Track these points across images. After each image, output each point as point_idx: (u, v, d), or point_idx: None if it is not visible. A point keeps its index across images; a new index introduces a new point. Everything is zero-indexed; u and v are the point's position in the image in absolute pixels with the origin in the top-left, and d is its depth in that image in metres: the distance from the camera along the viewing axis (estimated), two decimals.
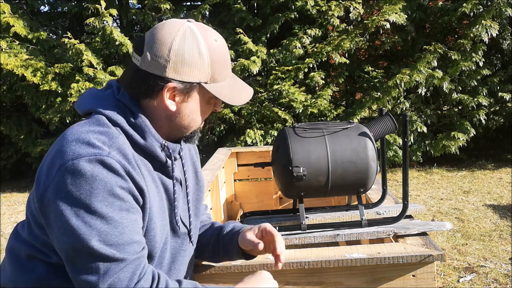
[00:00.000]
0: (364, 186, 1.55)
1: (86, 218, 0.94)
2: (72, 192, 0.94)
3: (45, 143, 5.65)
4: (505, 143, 6.49)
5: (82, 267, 0.95)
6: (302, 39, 5.44)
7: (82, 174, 0.94)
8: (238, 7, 5.65)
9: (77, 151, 0.97)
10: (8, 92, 5.70)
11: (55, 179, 0.96)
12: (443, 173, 5.69)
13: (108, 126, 1.03)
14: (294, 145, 1.49)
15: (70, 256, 0.96)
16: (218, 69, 1.09)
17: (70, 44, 5.19)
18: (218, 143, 5.51)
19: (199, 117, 1.13)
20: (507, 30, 5.64)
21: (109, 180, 0.96)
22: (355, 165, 1.49)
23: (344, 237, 1.52)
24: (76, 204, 0.94)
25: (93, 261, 0.95)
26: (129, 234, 0.98)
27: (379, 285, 1.38)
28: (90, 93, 1.12)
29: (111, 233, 0.95)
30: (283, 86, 5.37)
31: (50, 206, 0.96)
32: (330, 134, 1.51)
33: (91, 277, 0.95)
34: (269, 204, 3.10)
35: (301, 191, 1.52)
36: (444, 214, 4.11)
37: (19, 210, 5.00)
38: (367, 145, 1.50)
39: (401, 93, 5.56)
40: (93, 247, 0.94)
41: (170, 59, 1.03)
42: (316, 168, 1.47)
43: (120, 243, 0.96)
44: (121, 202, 0.97)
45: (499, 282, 2.76)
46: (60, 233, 0.96)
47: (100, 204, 0.95)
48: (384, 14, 5.30)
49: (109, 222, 0.95)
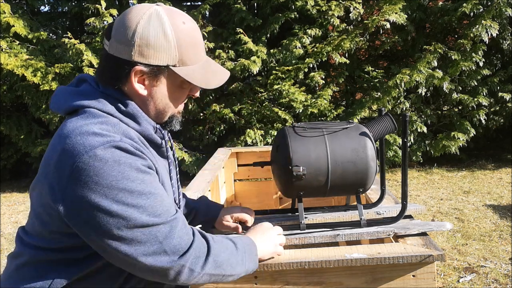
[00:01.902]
0: (364, 186, 1.54)
1: (128, 200, 0.95)
2: (100, 182, 0.93)
3: (45, 143, 5.65)
4: (505, 143, 6.49)
5: (141, 243, 0.97)
6: (302, 39, 5.44)
7: (104, 162, 0.94)
8: (238, 7, 5.65)
9: (88, 143, 0.95)
10: (8, 92, 5.70)
11: (72, 176, 0.93)
12: (443, 173, 5.69)
13: (105, 117, 1.03)
14: (293, 144, 1.48)
15: (124, 240, 0.95)
16: (187, 52, 1.07)
17: (70, 44, 5.19)
18: (218, 143, 5.51)
19: (174, 101, 1.12)
20: (507, 30, 5.64)
21: (132, 161, 0.97)
22: (354, 165, 1.49)
23: (344, 237, 1.52)
24: (111, 191, 0.94)
25: (150, 234, 0.97)
26: (166, 200, 1.03)
27: (379, 285, 1.38)
28: (64, 91, 1.10)
29: (154, 205, 0.98)
30: (283, 86, 5.37)
31: (78, 205, 0.94)
32: (330, 133, 1.51)
33: (153, 247, 0.97)
34: (269, 204, 3.10)
35: (300, 190, 1.52)
36: (444, 214, 4.11)
37: (19, 210, 5.00)
38: (366, 145, 1.50)
39: (401, 93, 5.56)
40: (147, 222, 0.96)
41: (135, 42, 1.03)
42: (316, 168, 1.47)
43: (165, 209, 1.01)
44: (149, 176, 1.00)
45: (499, 282, 2.77)
46: (104, 224, 0.94)
47: (134, 184, 0.96)
48: (384, 14, 5.30)
49: (149, 196, 0.98)
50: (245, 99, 5.70)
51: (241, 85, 5.75)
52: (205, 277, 1.07)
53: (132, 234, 0.96)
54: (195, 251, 1.04)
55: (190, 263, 1.03)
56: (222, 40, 5.73)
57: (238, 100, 5.75)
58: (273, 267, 1.36)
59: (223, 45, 5.63)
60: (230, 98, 5.86)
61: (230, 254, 1.12)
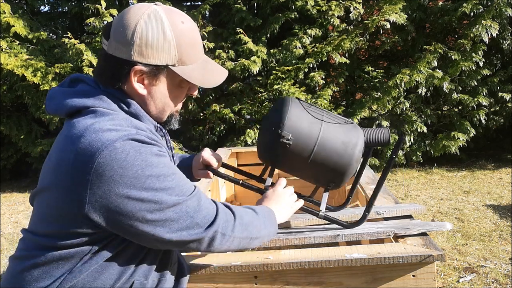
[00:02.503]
0: (337, 181, 1.51)
1: (156, 184, 0.98)
2: (126, 174, 0.95)
3: (45, 143, 5.65)
4: (505, 143, 6.49)
5: (173, 222, 1.01)
6: (302, 39, 5.44)
7: (126, 153, 0.95)
8: (238, 7, 5.65)
9: (105, 139, 0.96)
10: (8, 92, 5.70)
11: (95, 172, 0.94)
12: (443, 173, 5.69)
13: (113, 114, 1.04)
14: (292, 111, 1.46)
15: (157, 222, 0.99)
16: (186, 51, 1.08)
17: (70, 44, 5.19)
18: (218, 143, 5.52)
19: (173, 100, 1.14)
20: (507, 30, 5.64)
21: (151, 149, 0.99)
22: (338, 157, 1.44)
23: (344, 237, 1.52)
24: (138, 181, 0.96)
25: (181, 211, 1.02)
26: (185, 177, 1.08)
27: (379, 285, 1.38)
28: (61, 92, 1.10)
29: (179, 184, 1.03)
30: (283, 86, 5.37)
31: (105, 199, 0.95)
32: (329, 120, 1.48)
33: (185, 222, 1.02)
34: None
35: (276, 158, 1.48)
36: (444, 214, 4.11)
37: (19, 210, 5.00)
38: (357, 144, 1.47)
39: (401, 93, 5.56)
40: (178, 201, 1.01)
41: (134, 42, 1.04)
42: (303, 142, 1.43)
43: (188, 186, 1.06)
44: (167, 159, 1.04)
45: (499, 282, 2.77)
46: (137, 212, 0.97)
47: (158, 169, 0.99)
48: (384, 14, 5.30)
49: (172, 177, 1.02)
50: (245, 99, 5.70)
51: (241, 85, 5.75)
52: (235, 242, 1.12)
53: (165, 215, 1.00)
54: (222, 217, 1.09)
55: (221, 228, 1.08)
56: (222, 40, 5.73)
57: (238, 100, 5.75)
58: (273, 267, 1.36)
59: (223, 45, 5.63)
60: (230, 98, 5.86)
61: (252, 217, 1.19)
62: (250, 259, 1.41)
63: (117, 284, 1.05)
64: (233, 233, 1.11)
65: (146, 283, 1.09)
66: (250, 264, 1.38)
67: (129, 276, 1.07)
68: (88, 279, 1.03)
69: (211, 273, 1.39)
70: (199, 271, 1.39)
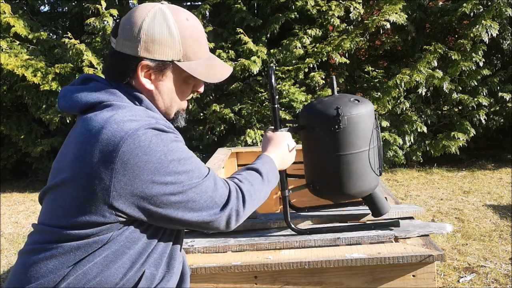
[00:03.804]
0: (322, 183, 1.54)
1: (178, 168, 1.03)
2: (151, 160, 0.99)
3: (45, 143, 5.66)
4: (505, 143, 6.49)
5: (196, 204, 1.06)
6: (302, 39, 5.44)
7: (149, 141, 0.99)
8: (238, 7, 5.65)
9: (128, 128, 1.00)
10: (8, 92, 5.70)
11: (119, 160, 0.97)
12: (443, 173, 5.69)
13: (130, 106, 1.07)
14: (365, 115, 1.50)
15: (182, 203, 1.04)
16: (190, 47, 1.11)
17: (71, 44, 5.19)
18: (218, 143, 5.51)
19: (179, 96, 1.17)
20: (507, 30, 5.64)
21: (170, 136, 1.04)
22: (350, 178, 1.49)
23: (345, 240, 1.52)
24: (162, 166, 1.00)
25: (201, 192, 1.06)
26: (200, 161, 1.12)
27: (379, 285, 1.39)
28: (73, 90, 1.12)
29: (198, 166, 1.08)
30: (284, 86, 5.37)
31: (136, 185, 0.99)
32: (372, 152, 1.53)
33: (208, 201, 1.07)
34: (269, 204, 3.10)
35: (312, 128, 1.53)
36: (444, 214, 4.11)
37: (19, 210, 5.00)
38: (364, 192, 1.54)
39: (401, 93, 5.57)
40: (197, 182, 1.05)
41: (140, 38, 1.08)
42: (343, 140, 1.48)
43: (204, 166, 1.11)
44: (183, 144, 1.09)
45: (499, 282, 2.77)
46: (160, 197, 1.01)
47: (178, 153, 1.04)
48: (384, 14, 5.30)
49: (192, 160, 1.07)
50: (245, 99, 5.70)
51: (241, 85, 5.75)
52: (248, 212, 1.17)
53: (187, 197, 1.04)
54: (234, 194, 1.13)
55: (236, 205, 1.13)
56: (222, 40, 5.73)
57: (238, 100, 5.75)
58: (273, 267, 1.36)
59: (223, 45, 5.63)
60: (230, 98, 5.86)
61: (258, 184, 1.23)
62: (250, 259, 1.41)
63: (129, 272, 1.07)
64: (245, 208, 1.16)
65: (156, 273, 1.11)
66: (250, 264, 1.38)
67: (141, 265, 1.09)
68: (101, 268, 1.05)
69: (211, 273, 1.39)
70: (199, 271, 1.39)
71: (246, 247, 1.52)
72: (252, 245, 1.52)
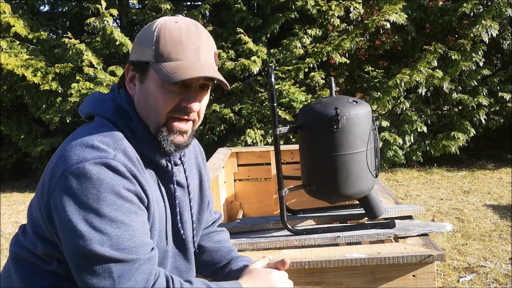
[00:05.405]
0: (318, 184, 1.54)
1: (96, 223, 0.92)
2: (79, 196, 0.92)
3: (45, 143, 5.66)
4: (505, 143, 6.49)
5: (94, 273, 0.92)
6: (302, 39, 5.44)
7: (88, 177, 0.93)
8: (238, 7, 5.65)
9: (81, 155, 0.95)
10: (8, 92, 5.70)
11: (59, 183, 0.94)
12: (443, 173, 5.69)
13: (112, 129, 1.03)
14: (363, 115, 1.50)
15: (80, 263, 0.93)
16: (164, 47, 1.02)
17: (71, 44, 5.19)
18: (218, 143, 5.51)
19: (156, 103, 1.03)
20: (507, 30, 5.64)
21: (116, 183, 0.94)
22: (346, 179, 1.50)
23: (344, 239, 1.52)
24: (84, 209, 0.92)
25: (106, 266, 0.92)
26: (140, 236, 0.96)
27: (379, 285, 1.38)
28: (93, 96, 1.13)
29: (122, 237, 0.93)
30: (284, 86, 5.37)
31: (57, 212, 0.94)
32: (370, 153, 1.53)
33: (105, 282, 0.92)
34: (269, 204, 3.10)
35: (312, 127, 1.53)
36: (444, 214, 4.11)
37: (19, 210, 5.00)
38: (362, 193, 1.54)
39: (401, 93, 5.56)
40: (105, 253, 0.91)
41: (134, 43, 1.10)
42: (341, 140, 1.49)
43: (132, 246, 0.94)
44: (130, 205, 0.96)
45: (499, 282, 2.77)
46: (69, 240, 0.93)
47: (109, 208, 0.93)
48: (384, 14, 5.30)
49: (119, 226, 0.93)
50: (245, 99, 5.70)
51: (241, 85, 5.75)
52: None
53: (87, 260, 0.92)
54: None
55: None
56: (222, 40, 5.73)
57: (238, 100, 5.75)
58: None
59: (223, 45, 5.63)
60: (230, 98, 5.86)
61: None
62: None
63: None
64: None
65: None
66: None
67: None
68: None
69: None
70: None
71: (246, 246, 1.52)
72: (252, 245, 1.52)
